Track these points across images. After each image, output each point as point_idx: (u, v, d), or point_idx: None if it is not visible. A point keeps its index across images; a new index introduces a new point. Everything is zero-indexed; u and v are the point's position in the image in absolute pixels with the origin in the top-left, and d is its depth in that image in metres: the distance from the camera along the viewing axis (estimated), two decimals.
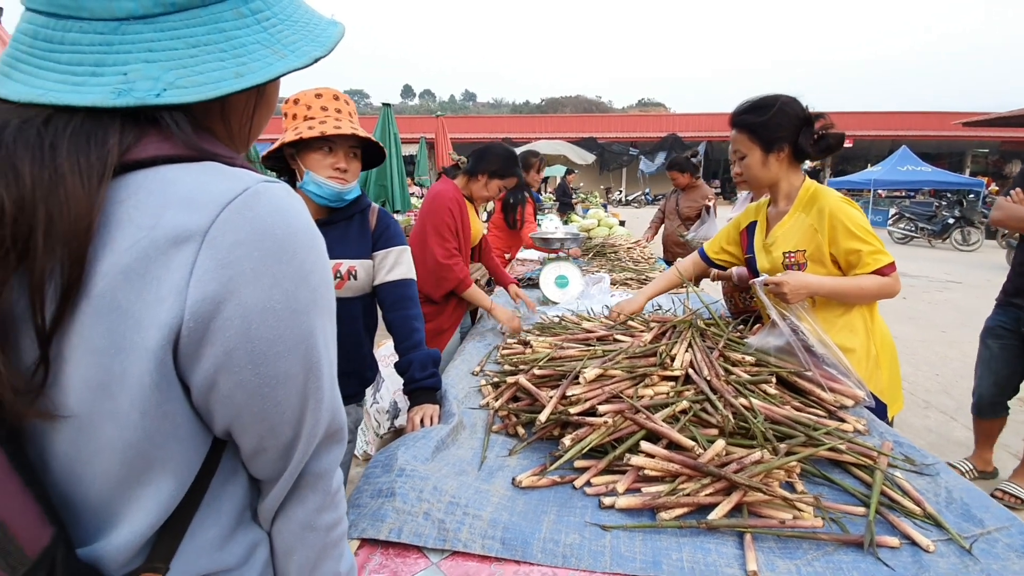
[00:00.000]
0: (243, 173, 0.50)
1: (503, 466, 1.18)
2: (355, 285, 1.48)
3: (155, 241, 0.44)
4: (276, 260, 0.48)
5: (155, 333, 0.44)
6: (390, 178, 6.56)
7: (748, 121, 1.57)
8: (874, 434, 1.31)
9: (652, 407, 1.23)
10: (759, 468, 1.01)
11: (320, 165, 1.38)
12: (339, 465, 0.63)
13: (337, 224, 1.48)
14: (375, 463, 1.11)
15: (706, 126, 26.13)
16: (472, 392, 1.60)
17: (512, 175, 2.39)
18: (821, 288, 1.50)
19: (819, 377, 1.37)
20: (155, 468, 0.48)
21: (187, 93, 0.47)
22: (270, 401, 0.51)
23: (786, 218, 1.63)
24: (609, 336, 1.68)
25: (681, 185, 4.38)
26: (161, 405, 0.47)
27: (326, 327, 0.55)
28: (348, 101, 1.41)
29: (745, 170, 1.61)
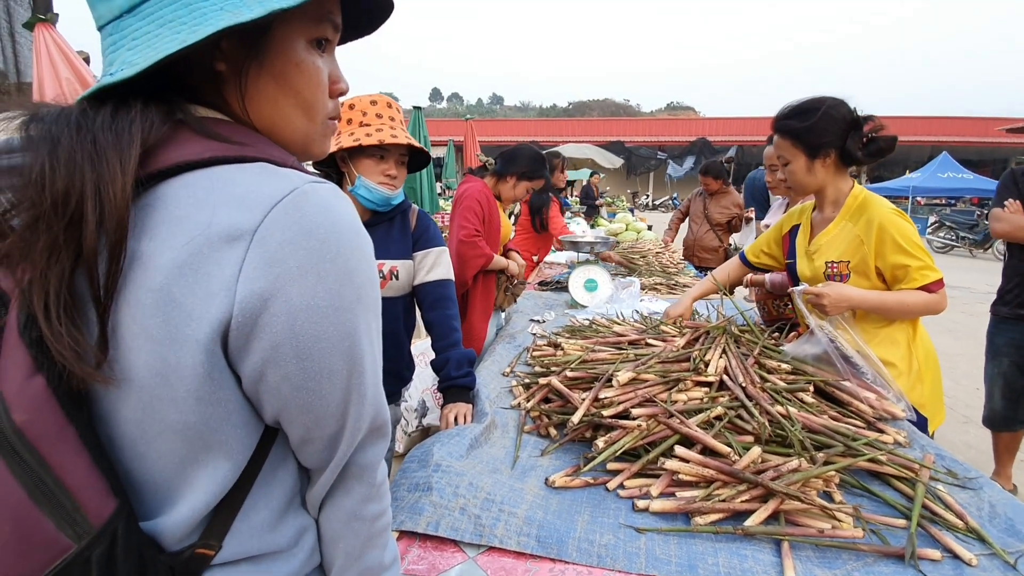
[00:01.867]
0: (292, 174, 0.53)
1: (535, 466, 1.20)
2: (397, 285, 1.52)
3: (209, 238, 0.47)
4: (320, 259, 0.50)
5: (205, 327, 0.47)
6: (419, 180, 6.64)
7: (791, 127, 1.52)
8: (915, 447, 1.28)
9: (686, 412, 1.23)
10: (797, 476, 1.01)
11: (372, 171, 1.43)
12: (382, 460, 0.64)
13: (380, 225, 1.52)
14: (411, 458, 1.14)
15: (737, 130, 25.72)
16: (503, 392, 1.62)
17: (540, 177, 2.44)
18: (863, 303, 1.47)
19: (857, 388, 1.34)
20: (213, 449, 0.51)
21: (133, 68, 0.49)
22: (314, 394, 0.52)
23: (831, 226, 1.58)
24: (641, 340, 1.68)
25: (712, 190, 4.34)
26: (214, 392, 0.49)
27: (371, 325, 0.56)
28: (399, 109, 1.47)
29: (789, 176, 1.58)
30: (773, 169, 2.25)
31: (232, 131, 0.54)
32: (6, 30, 3.55)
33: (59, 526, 0.44)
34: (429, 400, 2.85)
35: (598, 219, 6.84)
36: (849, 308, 1.47)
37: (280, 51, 0.57)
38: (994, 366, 2.49)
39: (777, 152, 1.59)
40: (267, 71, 0.57)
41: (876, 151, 1.50)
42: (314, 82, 0.61)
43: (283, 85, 0.59)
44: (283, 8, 0.52)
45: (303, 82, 0.60)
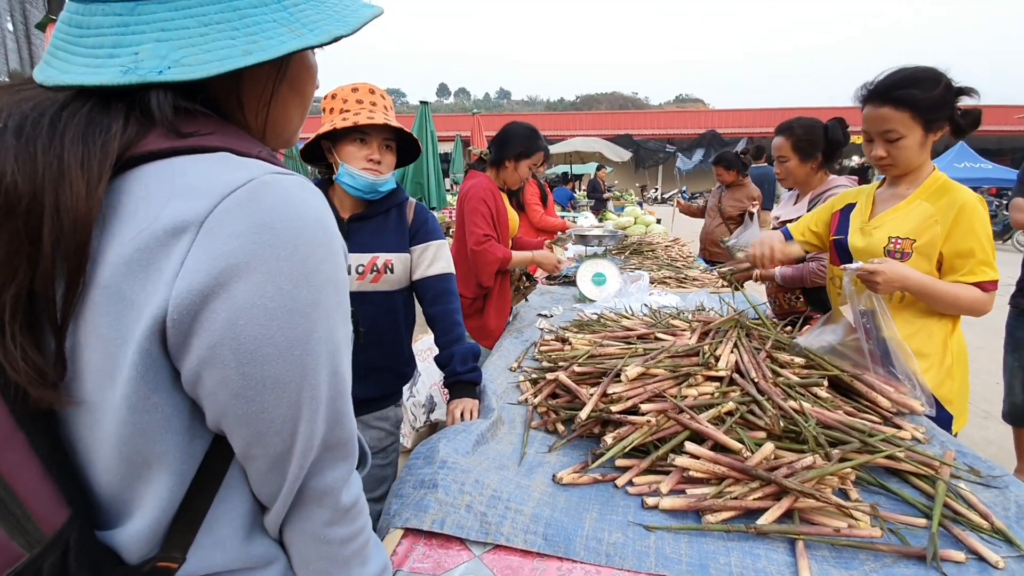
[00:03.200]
0: (254, 164, 0.49)
1: (543, 462, 1.18)
2: (392, 279, 1.49)
3: (155, 232, 0.44)
4: (274, 255, 0.46)
5: (143, 324, 0.44)
6: (426, 175, 6.64)
7: (913, 97, 1.37)
8: (935, 443, 1.24)
9: (696, 407, 1.20)
10: (812, 474, 0.97)
11: (354, 157, 1.40)
12: (349, 481, 0.58)
13: (374, 218, 1.50)
14: (417, 454, 1.12)
15: (747, 122, 25.41)
16: (510, 388, 1.60)
17: (538, 150, 2.38)
18: (918, 285, 1.38)
19: (879, 382, 1.30)
20: (153, 464, 0.48)
21: (190, 71, 0.47)
22: (255, 405, 0.48)
23: (903, 203, 1.50)
24: (650, 335, 1.65)
25: (725, 182, 4.22)
26: (148, 398, 0.46)
27: (332, 333, 0.51)
28: (384, 96, 1.43)
29: (900, 152, 1.44)
30: (782, 161, 2.19)
31: (201, 122, 0.51)
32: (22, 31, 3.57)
33: (11, 534, 0.43)
34: (437, 395, 2.84)
35: (606, 213, 6.79)
36: (902, 288, 1.38)
37: (297, 58, 0.58)
38: (1014, 359, 2.42)
39: (884, 126, 1.42)
40: (285, 76, 0.58)
41: (972, 122, 1.41)
42: (314, 82, 0.63)
43: (295, 88, 0.60)
44: (344, 35, 0.53)
45: (310, 84, 0.62)
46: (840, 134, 2.10)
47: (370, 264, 1.46)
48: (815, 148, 2.12)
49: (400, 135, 1.46)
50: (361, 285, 1.45)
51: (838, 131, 2.10)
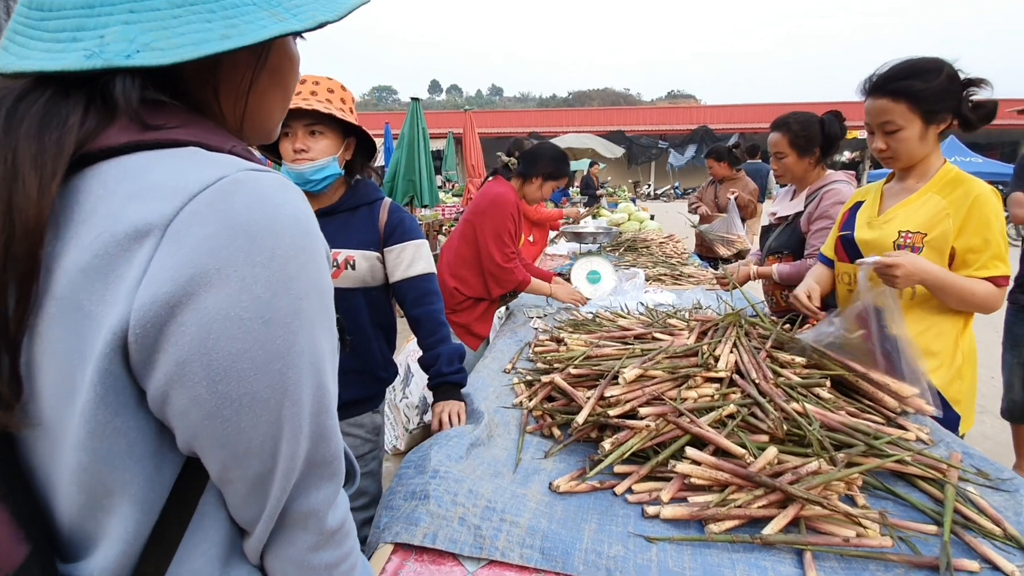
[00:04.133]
0: (226, 160, 0.45)
1: (539, 469, 1.14)
2: (353, 275, 1.43)
3: (115, 236, 0.40)
4: (249, 261, 0.42)
5: (102, 340, 0.40)
6: (418, 172, 6.55)
7: (912, 88, 1.34)
8: (940, 444, 1.21)
9: (696, 410, 1.17)
10: (817, 480, 0.94)
11: (286, 152, 1.35)
12: (336, 502, 0.54)
13: (339, 214, 1.45)
14: (408, 463, 1.08)
15: (739, 118, 25.48)
16: (504, 391, 1.56)
17: (564, 175, 2.43)
18: (936, 279, 1.33)
19: (886, 380, 1.26)
20: (115, 494, 0.43)
21: (162, 55, 0.42)
22: (231, 425, 0.44)
23: (914, 196, 1.46)
24: (647, 335, 1.61)
25: (718, 176, 4.20)
26: (109, 421, 0.41)
27: (316, 344, 0.47)
28: (319, 81, 1.36)
29: (899, 144, 1.41)
30: (779, 157, 2.14)
31: (170, 113, 0.46)
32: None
33: None
34: (431, 396, 2.79)
35: (600, 209, 6.76)
36: (921, 282, 1.33)
37: (278, 45, 0.54)
38: (1013, 356, 2.41)
39: (882, 118, 1.40)
40: (266, 64, 0.53)
41: (986, 115, 1.37)
42: (295, 75, 0.59)
43: (276, 78, 0.56)
44: (330, 21, 0.48)
45: (292, 75, 0.58)
46: (837, 128, 2.07)
47: (330, 259, 1.41)
48: (812, 143, 2.08)
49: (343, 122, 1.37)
50: None
51: (835, 125, 2.07)
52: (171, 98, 0.47)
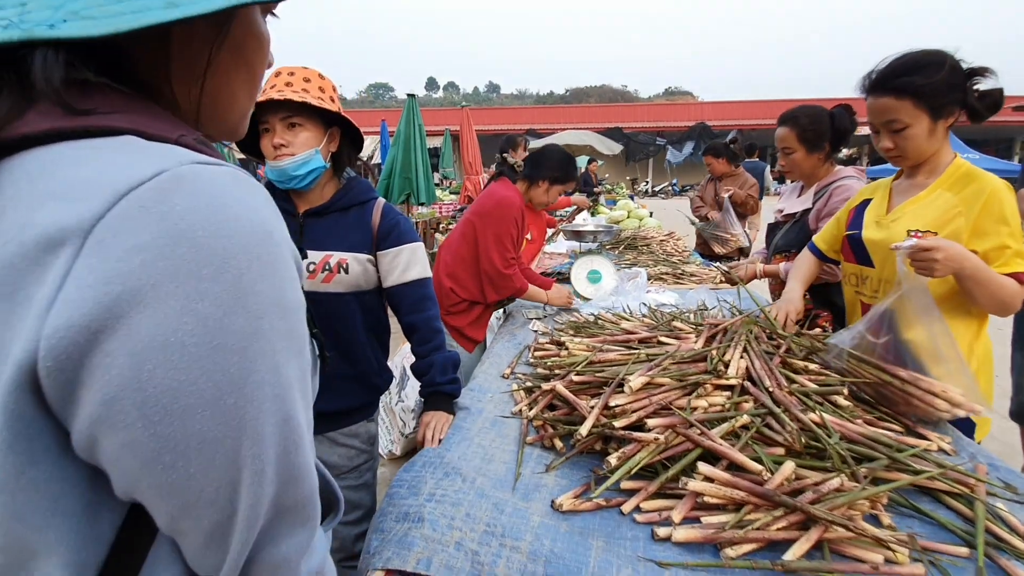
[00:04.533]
0: (167, 151, 0.37)
1: (540, 484, 1.07)
2: (346, 279, 1.36)
3: (23, 246, 0.33)
4: (193, 274, 0.34)
5: (7, 374, 0.33)
6: (415, 170, 6.47)
7: (915, 84, 1.28)
8: (962, 454, 1.15)
9: (707, 421, 1.10)
10: (841, 500, 0.87)
11: (267, 150, 1.28)
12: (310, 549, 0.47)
13: (330, 214, 1.38)
14: (400, 481, 1.01)
15: (737, 114, 25.42)
16: (502, 398, 1.49)
17: (572, 179, 2.37)
18: (974, 268, 1.23)
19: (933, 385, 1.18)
20: (39, 555, 0.36)
21: (94, 25, 0.35)
22: (178, 472, 0.36)
23: (923, 193, 1.39)
24: (652, 338, 1.54)
25: (717, 172, 4.13)
26: (23, 472, 0.34)
27: (281, 370, 0.40)
28: (294, 71, 1.28)
29: (906, 142, 1.34)
30: (787, 152, 2.07)
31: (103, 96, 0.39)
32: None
33: None
34: None
35: (599, 207, 6.69)
36: (958, 270, 1.23)
37: (242, 18, 0.47)
38: (1022, 356, 2.35)
39: (887, 116, 1.33)
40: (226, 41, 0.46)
41: (993, 104, 1.30)
42: (263, 55, 0.51)
43: (240, 58, 0.48)
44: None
45: (259, 56, 0.51)
46: (847, 121, 1.99)
47: (322, 263, 1.34)
48: (822, 138, 2.00)
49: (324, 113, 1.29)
50: (312, 284, 1.34)
51: (845, 119, 1.99)
52: (114, 82, 0.40)
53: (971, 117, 1.33)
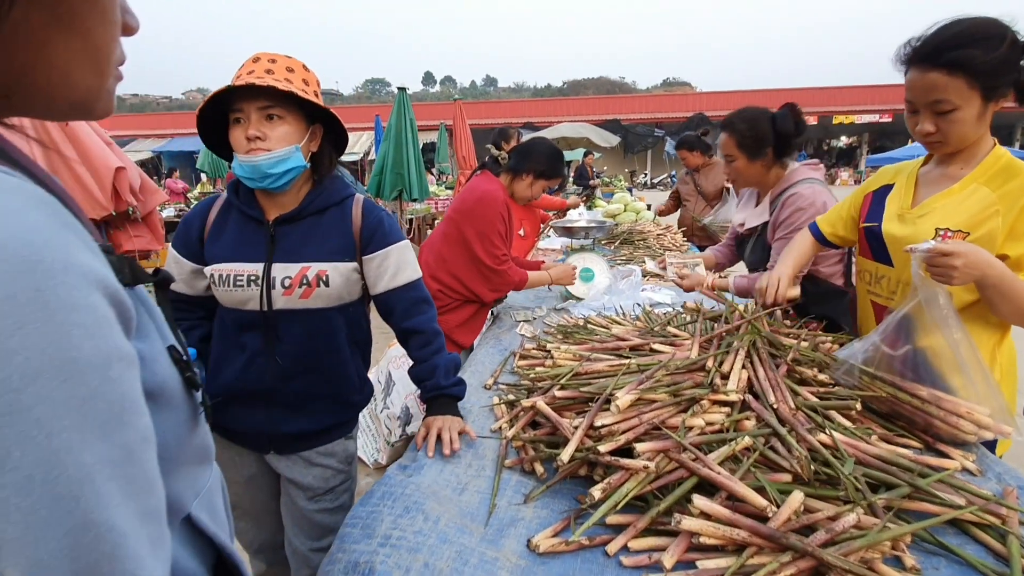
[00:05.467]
0: None
1: (516, 518, 0.95)
2: (328, 293, 1.21)
3: None
4: None
5: None
6: (407, 166, 6.32)
7: (973, 59, 1.10)
8: (988, 474, 1.03)
9: (704, 444, 0.98)
10: (860, 542, 0.75)
11: (238, 141, 1.14)
12: None
13: (305, 219, 1.23)
14: (354, 520, 0.89)
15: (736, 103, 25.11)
16: (483, 412, 1.37)
17: (558, 175, 2.22)
18: (999, 277, 1.09)
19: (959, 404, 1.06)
20: None
21: None
22: None
23: (956, 187, 1.23)
24: (645, 345, 1.42)
25: (693, 165, 4.08)
26: None
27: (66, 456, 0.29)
28: (276, 59, 1.15)
29: (952, 127, 1.16)
30: (729, 160, 1.88)
31: None
32: None
33: None
34: (413, 406, 2.60)
35: (595, 200, 6.55)
36: (980, 278, 1.09)
37: None
38: None
39: (934, 95, 1.15)
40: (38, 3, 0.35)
41: None
42: (109, 19, 0.40)
43: (61, 22, 0.37)
44: None
45: (96, 18, 0.39)
46: (790, 125, 1.78)
47: (299, 276, 1.19)
48: (762, 144, 1.80)
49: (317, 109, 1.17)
50: (288, 302, 1.19)
51: (788, 121, 1.78)
52: None
53: (1020, 99, 1.15)
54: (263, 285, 1.18)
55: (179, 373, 0.46)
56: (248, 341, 1.22)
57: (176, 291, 1.25)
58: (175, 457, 0.45)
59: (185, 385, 0.46)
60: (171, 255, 1.27)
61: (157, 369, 0.42)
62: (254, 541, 1.42)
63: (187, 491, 0.49)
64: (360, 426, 2.64)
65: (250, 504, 1.37)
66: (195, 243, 1.25)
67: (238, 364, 1.22)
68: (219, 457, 1.29)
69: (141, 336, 0.42)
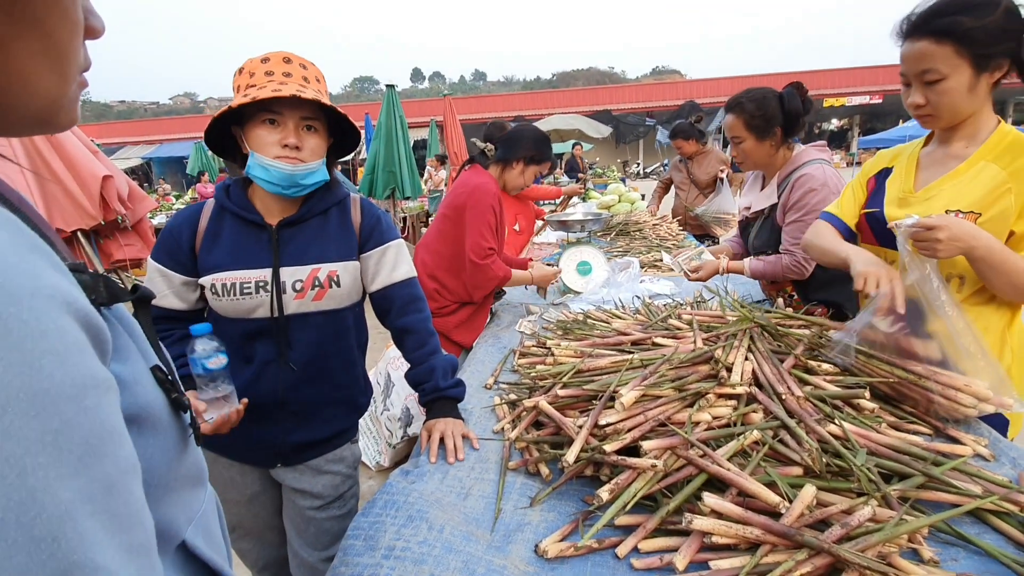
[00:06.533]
0: None
1: (522, 523, 0.93)
2: (340, 293, 1.21)
3: None
4: None
5: None
6: (398, 164, 6.27)
7: (961, 25, 1.08)
8: (1002, 459, 1.01)
9: (711, 440, 0.96)
10: (876, 537, 0.73)
11: (265, 143, 1.10)
12: None
13: (310, 220, 1.20)
14: (356, 531, 0.86)
15: (725, 90, 25.13)
16: (484, 413, 1.35)
17: (547, 159, 2.17)
18: (986, 249, 1.07)
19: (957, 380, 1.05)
20: None
21: None
22: None
23: (963, 166, 1.19)
24: (647, 339, 1.40)
25: (687, 153, 4.06)
26: None
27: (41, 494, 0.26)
28: (307, 65, 1.13)
29: (941, 98, 1.14)
30: (737, 142, 1.86)
31: None
32: None
33: None
34: (413, 407, 2.58)
35: (589, 192, 6.52)
36: (966, 250, 1.08)
37: None
38: None
39: (922, 65, 1.14)
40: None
41: None
42: (71, 20, 0.38)
43: (23, 23, 0.35)
44: None
45: (56, 18, 0.37)
46: (799, 103, 1.77)
47: (310, 278, 1.17)
48: (771, 123, 1.78)
49: (329, 115, 1.16)
50: (301, 305, 1.17)
51: (796, 99, 1.77)
52: None
53: (1021, 73, 1.13)
54: (273, 290, 1.14)
55: (164, 394, 0.43)
56: (257, 351, 1.18)
57: (166, 307, 1.18)
58: (165, 483, 0.43)
59: (172, 407, 0.44)
60: (154, 269, 1.17)
61: (140, 392, 0.40)
62: (259, 560, 1.39)
63: (180, 517, 0.46)
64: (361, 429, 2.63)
65: (253, 523, 1.34)
66: (186, 254, 1.17)
67: (245, 377, 1.17)
68: (220, 477, 1.28)
69: (120, 358, 0.39)
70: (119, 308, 0.44)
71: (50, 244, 0.35)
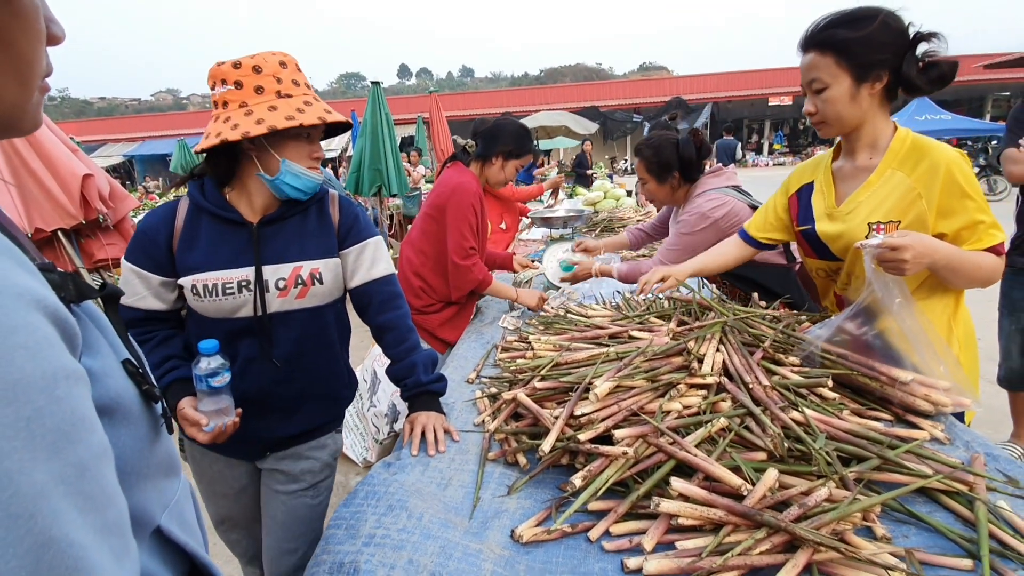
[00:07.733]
0: None
1: (500, 510, 0.96)
2: (322, 291, 1.22)
3: None
4: None
5: None
6: (384, 161, 6.26)
7: (839, 38, 1.16)
8: (957, 443, 1.06)
9: (681, 428, 1.00)
10: (831, 515, 0.78)
11: (300, 155, 1.15)
12: None
13: (290, 218, 1.22)
14: (338, 521, 0.89)
15: (712, 87, 25.31)
16: (466, 407, 1.38)
17: (528, 152, 2.17)
18: (947, 258, 1.12)
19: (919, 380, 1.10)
20: None
21: None
22: None
23: (873, 176, 1.25)
24: (623, 333, 1.44)
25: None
26: None
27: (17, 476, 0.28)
28: (300, 69, 1.17)
29: (824, 107, 1.21)
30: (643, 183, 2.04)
31: None
32: None
33: None
34: (400, 403, 2.60)
35: (576, 188, 6.56)
36: (931, 264, 1.12)
37: None
38: (1011, 322, 2.30)
39: (810, 75, 1.22)
40: None
41: (938, 77, 1.16)
42: (33, 30, 0.40)
43: None
44: None
45: (18, 28, 0.38)
46: (692, 149, 1.91)
47: (293, 276, 1.18)
48: (668, 168, 1.95)
49: None
50: (284, 303, 1.18)
51: (690, 147, 1.91)
52: None
53: (907, 89, 1.19)
54: (256, 290, 1.15)
55: (135, 386, 0.45)
56: (240, 349, 1.18)
57: (147, 308, 1.16)
58: (138, 471, 0.45)
59: (143, 398, 0.46)
60: (129, 271, 1.15)
61: (111, 384, 0.42)
62: (248, 550, 1.42)
63: (155, 503, 0.48)
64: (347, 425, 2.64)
65: (241, 515, 1.36)
66: (164, 254, 1.16)
67: None
68: (209, 471, 1.30)
69: (91, 352, 0.41)
70: (88, 305, 0.46)
71: (18, 245, 0.37)
